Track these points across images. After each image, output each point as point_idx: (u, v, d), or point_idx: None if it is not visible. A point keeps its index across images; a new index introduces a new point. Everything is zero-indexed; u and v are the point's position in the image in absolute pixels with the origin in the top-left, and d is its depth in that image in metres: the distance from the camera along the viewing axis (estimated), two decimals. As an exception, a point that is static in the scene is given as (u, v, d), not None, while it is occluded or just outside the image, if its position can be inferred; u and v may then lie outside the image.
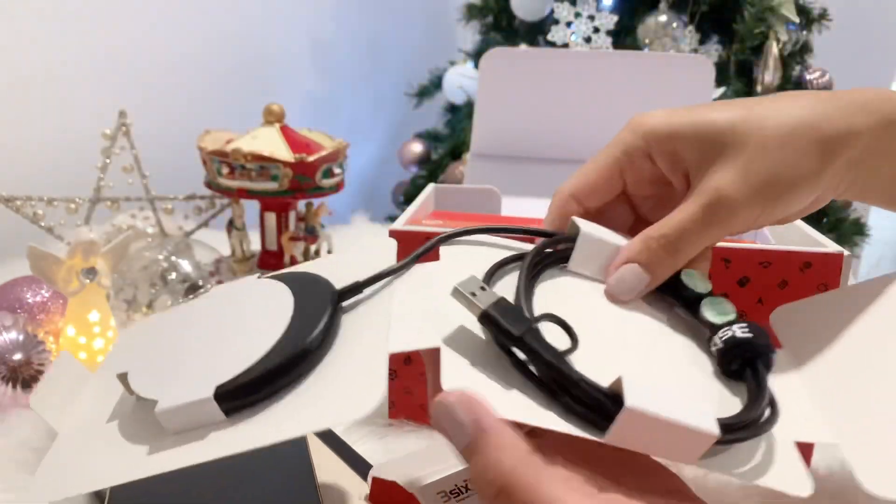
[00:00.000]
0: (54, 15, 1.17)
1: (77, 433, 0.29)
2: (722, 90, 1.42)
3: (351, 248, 0.35)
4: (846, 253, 0.43)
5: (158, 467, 0.26)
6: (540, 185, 0.72)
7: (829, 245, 0.45)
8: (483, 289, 0.26)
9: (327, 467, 0.41)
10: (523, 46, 1.50)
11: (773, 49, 1.39)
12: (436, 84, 1.70)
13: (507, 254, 0.31)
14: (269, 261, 0.78)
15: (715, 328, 0.29)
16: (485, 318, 0.25)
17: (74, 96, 1.22)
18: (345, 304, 0.30)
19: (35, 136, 1.16)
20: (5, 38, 1.11)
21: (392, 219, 1.41)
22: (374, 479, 0.37)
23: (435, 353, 0.25)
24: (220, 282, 0.66)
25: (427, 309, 0.28)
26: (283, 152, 0.71)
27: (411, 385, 0.50)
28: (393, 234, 0.47)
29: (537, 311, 0.27)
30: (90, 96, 1.22)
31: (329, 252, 0.82)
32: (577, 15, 1.45)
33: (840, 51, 1.54)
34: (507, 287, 0.29)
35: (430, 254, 0.32)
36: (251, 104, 0.94)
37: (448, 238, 0.32)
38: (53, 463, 0.28)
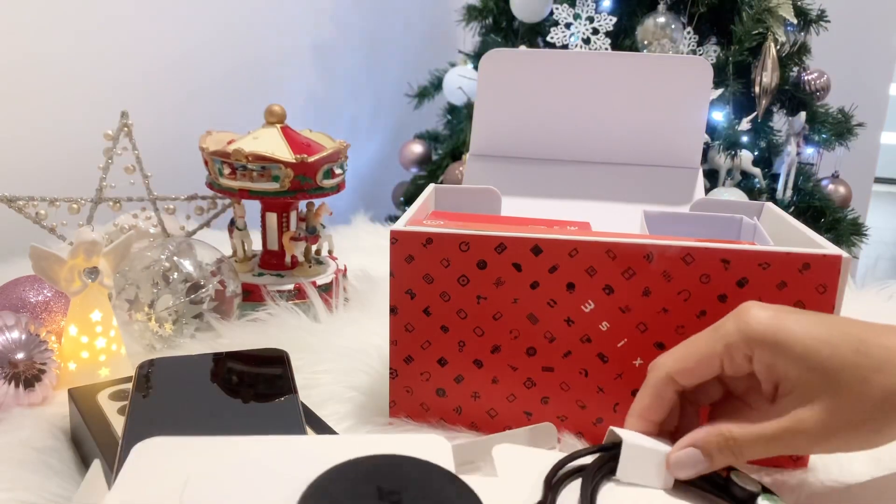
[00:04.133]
0: (56, 15, 1.17)
1: None
2: (720, 91, 1.42)
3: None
4: (844, 255, 0.43)
5: None
6: (540, 185, 0.73)
7: (828, 247, 0.45)
8: None
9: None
10: (523, 48, 1.51)
11: (772, 50, 1.40)
12: (436, 85, 1.70)
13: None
14: (271, 261, 0.78)
15: None
16: None
17: (76, 97, 1.22)
18: None
19: (37, 137, 1.16)
20: (6, 38, 1.11)
21: (392, 219, 1.41)
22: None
23: None
24: (221, 282, 0.66)
25: None
26: (285, 153, 0.72)
27: (411, 384, 0.50)
28: (394, 234, 0.47)
29: None
30: (92, 97, 1.22)
31: (330, 252, 0.82)
32: (577, 16, 1.45)
33: (838, 52, 1.54)
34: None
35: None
36: (252, 105, 0.95)
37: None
38: None
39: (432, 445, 0.33)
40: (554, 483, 0.32)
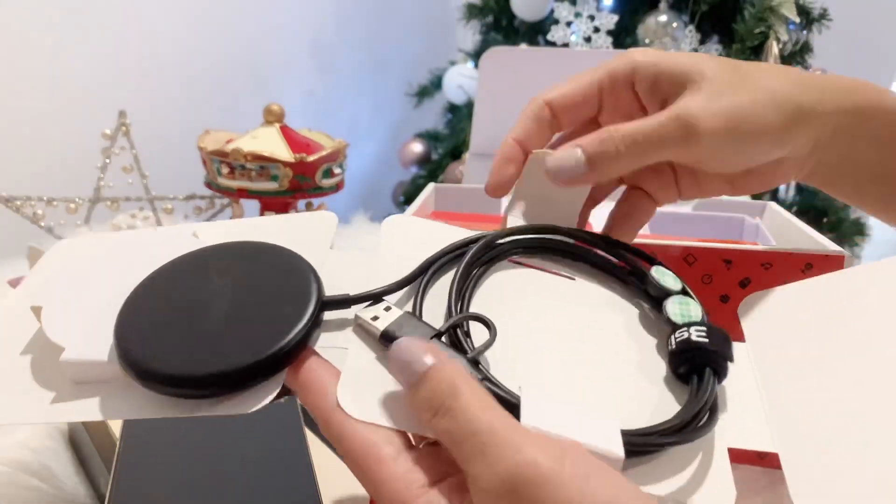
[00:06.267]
0: (55, 15, 1.17)
1: None
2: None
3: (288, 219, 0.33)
4: (847, 254, 0.43)
5: (52, 417, 0.25)
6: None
7: (830, 246, 0.45)
8: (388, 309, 0.26)
9: (327, 467, 0.41)
10: (523, 46, 1.50)
11: (774, 49, 1.39)
12: (436, 84, 1.70)
13: (451, 238, 0.30)
14: (269, 261, 0.78)
15: (674, 328, 0.28)
16: (384, 338, 0.25)
17: (75, 96, 1.21)
18: (326, 316, 0.27)
19: (35, 137, 1.16)
20: (6, 38, 1.11)
21: (392, 219, 1.41)
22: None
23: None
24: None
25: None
26: (283, 152, 0.71)
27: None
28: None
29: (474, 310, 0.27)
30: (90, 96, 1.22)
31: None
32: (578, 15, 1.45)
33: (840, 51, 1.54)
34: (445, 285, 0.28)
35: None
36: (251, 104, 0.94)
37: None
38: None
39: (319, 221, 0.32)
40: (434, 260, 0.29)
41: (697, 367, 0.26)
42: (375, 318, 0.26)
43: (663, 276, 0.30)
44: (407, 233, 0.32)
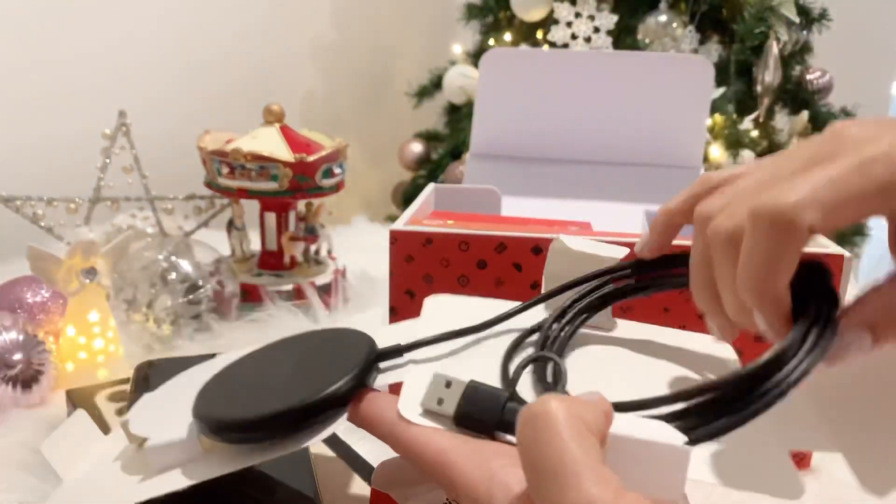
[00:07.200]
0: (54, 15, 1.17)
1: (77, 483, 0.32)
2: (722, 90, 1.42)
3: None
4: (847, 255, 0.43)
5: (140, 496, 0.28)
6: (540, 185, 0.72)
7: (830, 246, 0.45)
8: (448, 384, 0.27)
9: (327, 467, 0.41)
10: (523, 46, 1.50)
11: (774, 49, 1.39)
12: (436, 84, 1.69)
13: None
14: (269, 261, 0.78)
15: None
16: (460, 420, 0.26)
17: (74, 96, 1.21)
18: (382, 365, 0.30)
19: (35, 136, 1.16)
20: (5, 38, 1.11)
21: (392, 219, 1.41)
22: (374, 491, 0.37)
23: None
24: (220, 283, 0.66)
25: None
26: (283, 152, 0.71)
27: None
28: (393, 234, 0.47)
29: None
30: (90, 96, 1.22)
31: (329, 252, 0.82)
32: (578, 15, 1.45)
33: (840, 51, 1.53)
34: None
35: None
36: (251, 104, 0.94)
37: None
38: None
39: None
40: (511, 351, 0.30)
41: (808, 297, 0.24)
42: (441, 402, 0.27)
43: None
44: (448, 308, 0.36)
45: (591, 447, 0.21)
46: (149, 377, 0.46)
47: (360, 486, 0.40)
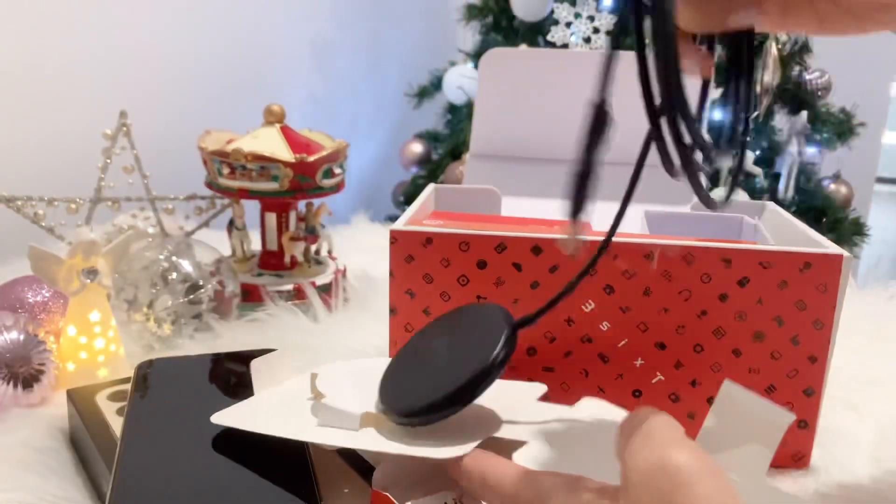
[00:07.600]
0: (55, 15, 1.17)
1: (268, 396, 0.42)
2: (721, 90, 1.42)
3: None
4: (846, 254, 0.43)
5: (305, 437, 0.36)
6: (540, 185, 0.72)
7: (829, 246, 0.45)
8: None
9: (327, 467, 0.41)
10: (523, 47, 1.50)
11: (773, 49, 1.40)
12: (436, 84, 1.69)
13: None
14: (270, 261, 0.78)
15: None
16: None
17: (75, 96, 1.22)
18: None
19: (36, 136, 1.16)
20: (6, 37, 1.11)
21: (392, 219, 1.41)
22: (374, 491, 0.37)
23: None
24: (220, 282, 0.66)
25: None
26: (284, 152, 0.71)
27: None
28: (393, 234, 0.47)
29: None
30: (91, 96, 1.22)
31: (329, 252, 0.82)
32: (577, 15, 1.45)
33: (839, 51, 1.54)
34: None
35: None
36: (251, 104, 0.94)
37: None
38: (238, 408, 0.40)
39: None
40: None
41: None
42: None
43: None
44: None
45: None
46: (149, 377, 0.46)
47: (360, 487, 0.40)
